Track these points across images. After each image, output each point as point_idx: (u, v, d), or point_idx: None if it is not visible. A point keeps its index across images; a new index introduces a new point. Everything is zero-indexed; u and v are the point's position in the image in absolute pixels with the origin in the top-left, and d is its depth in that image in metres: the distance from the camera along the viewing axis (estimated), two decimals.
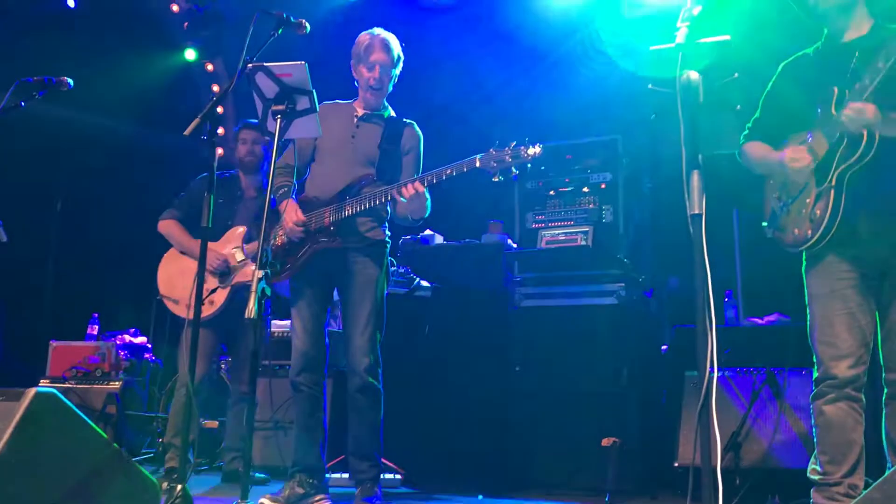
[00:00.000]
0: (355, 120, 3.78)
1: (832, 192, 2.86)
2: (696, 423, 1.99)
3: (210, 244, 4.33)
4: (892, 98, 2.77)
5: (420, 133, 3.84)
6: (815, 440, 3.00)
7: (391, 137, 3.74)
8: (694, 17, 2.15)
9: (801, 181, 3.00)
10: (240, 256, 4.40)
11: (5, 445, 1.90)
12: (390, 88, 3.81)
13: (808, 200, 2.96)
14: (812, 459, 3.02)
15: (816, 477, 2.96)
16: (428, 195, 3.55)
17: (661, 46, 2.21)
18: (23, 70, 4.07)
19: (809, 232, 2.94)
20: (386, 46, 3.71)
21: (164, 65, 8.34)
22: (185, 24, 8.15)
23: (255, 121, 4.61)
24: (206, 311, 4.37)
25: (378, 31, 3.76)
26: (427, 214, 3.62)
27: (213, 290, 4.39)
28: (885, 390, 2.95)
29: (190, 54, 8.19)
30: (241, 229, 4.49)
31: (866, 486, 2.93)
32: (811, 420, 3.03)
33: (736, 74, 2.20)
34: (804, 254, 3.08)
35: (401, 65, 3.80)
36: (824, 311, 2.97)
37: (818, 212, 2.90)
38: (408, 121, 3.85)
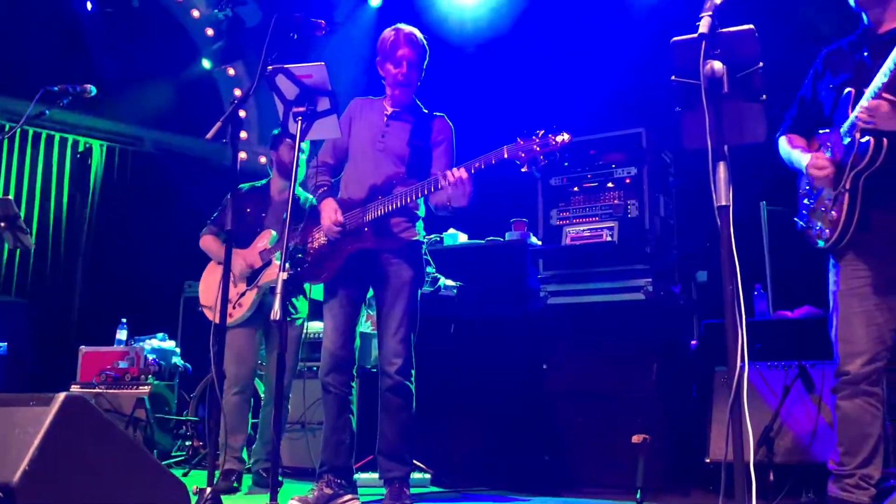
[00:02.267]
0: (385, 118, 3.77)
1: (847, 195, 2.91)
2: (728, 418, 1.95)
3: (239, 251, 4.41)
4: None
5: (451, 125, 3.82)
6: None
7: (421, 133, 3.72)
8: (717, 6, 2.12)
9: (821, 185, 3.03)
10: (266, 258, 4.43)
11: (36, 449, 1.92)
12: (418, 83, 3.79)
13: (827, 201, 3.01)
14: (833, 450, 3.07)
15: (833, 467, 3.04)
16: (471, 184, 3.42)
17: (684, 37, 2.18)
18: (46, 79, 4.12)
19: (828, 232, 2.99)
20: (411, 41, 3.69)
21: (186, 70, 8.41)
22: (208, 29, 8.21)
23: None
24: (237, 313, 4.41)
25: (402, 25, 3.74)
26: (468, 203, 3.49)
27: (242, 294, 4.43)
28: None
29: (206, 63, 8.24)
30: (269, 232, 4.52)
31: (884, 477, 3.01)
32: None
33: (761, 64, 2.16)
34: (829, 254, 3.12)
35: (427, 58, 3.78)
36: (843, 308, 3.02)
37: (835, 214, 2.95)
38: (438, 114, 3.83)
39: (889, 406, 4.19)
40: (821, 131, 3.11)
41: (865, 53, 2.98)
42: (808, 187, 3.14)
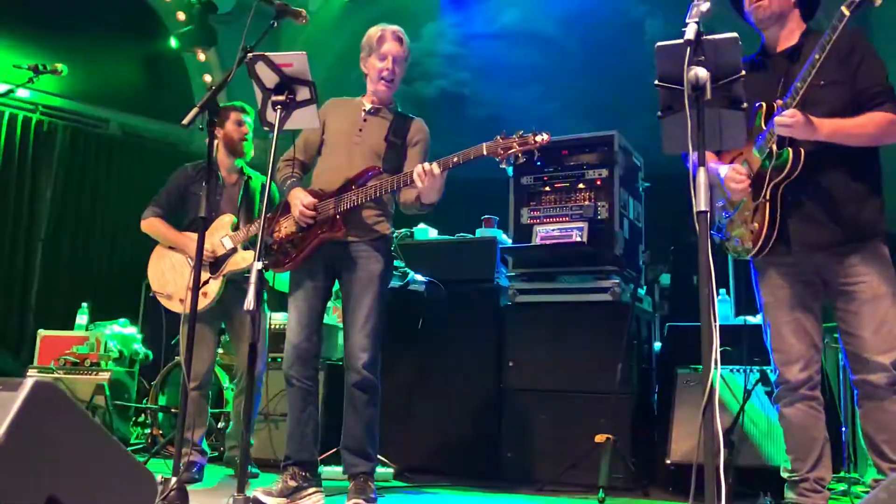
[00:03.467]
0: (363, 114, 3.76)
1: (767, 205, 2.96)
2: (700, 420, 1.98)
3: (193, 235, 4.32)
4: (821, 101, 2.85)
5: (427, 129, 3.82)
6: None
7: (398, 131, 3.72)
8: (703, 13, 2.15)
9: (739, 197, 3.08)
10: (229, 245, 4.35)
11: (4, 435, 1.88)
12: (399, 83, 3.79)
13: (746, 213, 3.06)
14: (784, 458, 3.14)
15: (786, 474, 3.12)
16: (442, 179, 3.43)
17: (669, 43, 2.20)
18: (17, 56, 4.04)
19: (750, 244, 3.03)
20: (398, 38, 3.70)
21: (155, 54, 8.30)
22: (179, 13, 8.09)
23: (242, 104, 4.59)
24: (201, 303, 4.33)
25: (388, 24, 3.74)
26: (439, 199, 3.52)
27: (206, 282, 4.33)
28: (856, 391, 3.01)
29: (173, 42, 8.12)
30: (228, 218, 4.42)
31: (839, 481, 3.05)
32: None
33: (743, 72, 2.19)
34: (750, 262, 3.19)
35: (409, 59, 3.78)
36: (772, 319, 3.10)
37: (756, 225, 3.00)
38: (415, 117, 3.83)
39: (846, 414, 4.32)
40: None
41: (768, 70, 3.07)
42: (724, 200, 3.18)
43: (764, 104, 2.96)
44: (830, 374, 4.53)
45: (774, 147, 2.90)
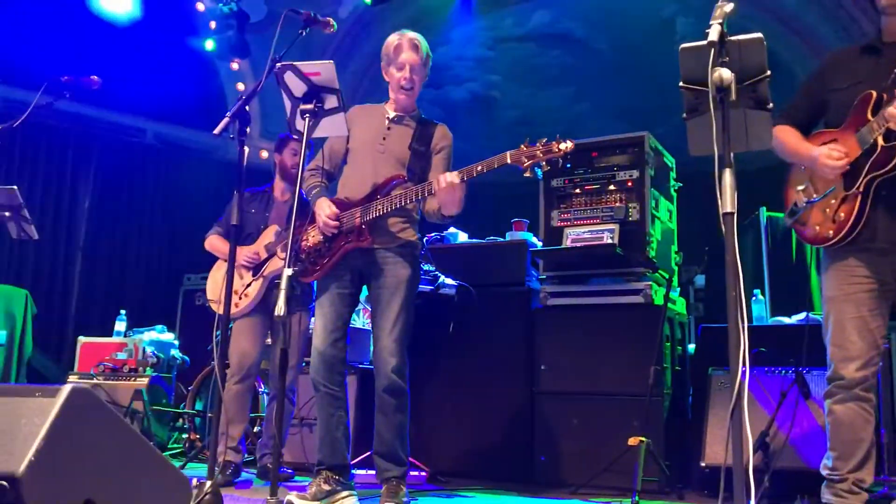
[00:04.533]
0: (386, 122, 3.78)
1: (859, 197, 2.91)
2: (728, 422, 1.97)
3: (245, 248, 4.47)
4: None
5: (451, 135, 3.83)
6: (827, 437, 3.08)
7: (422, 138, 3.74)
8: (727, 13, 2.14)
9: (828, 181, 3.01)
10: (272, 249, 4.51)
11: (41, 442, 1.93)
12: (420, 89, 3.80)
13: (833, 202, 3.00)
14: (826, 455, 3.08)
15: (826, 472, 3.06)
16: (462, 190, 3.47)
17: (692, 44, 2.20)
18: (52, 70, 4.13)
19: (831, 232, 2.98)
20: (415, 46, 3.70)
21: (191, 64, 8.41)
22: (211, 22, 8.20)
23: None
24: (242, 304, 4.48)
25: (406, 31, 3.76)
26: (459, 211, 3.55)
27: (248, 285, 4.53)
28: None
29: (209, 45, 8.21)
30: (274, 227, 4.59)
31: (877, 483, 3.09)
32: None
33: (769, 72, 2.18)
34: (822, 252, 3.12)
35: (430, 64, 3.80)
36: (837, 313, 3.03)
37: (843, 214, 2.94)
38: (438, 122, 3.85)
39: (884, 416, 4.24)
40: (823, 130, 3.11)
41: (880, 58, 2.99)
42: (807, 184, 3.10)
43: (873, 93, 2.89)
44: None
45: (881, 140, 2.83)
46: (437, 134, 3.79)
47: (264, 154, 8.21)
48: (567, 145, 3.26)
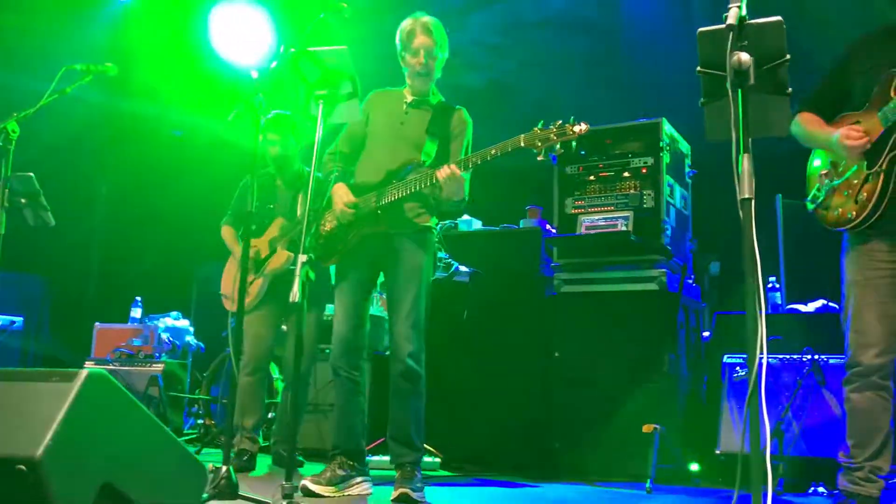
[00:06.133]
0: (404, 107, 3.77)
1: (882, 175, 2.87)
2: (744, 410, 1.96)
3: (253, 241, 4.46)
4: None
5: (469, 119, 3.81)
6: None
7: (439, 123, 3.72)
8: None
9: (851, 161, 2.97)
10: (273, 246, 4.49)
11: (59, 426, 1.94)
12: (438, 73, 3.77)
13: (855, 182, 2.96)
14: (843, 443, 3.06)
15: (843, 459, 3.04)
16: (467, 177, 3.50)
17: (711, 28, 2.17)
18: (69, 57, 4.13)
19: (854, 213, 2.94)
20: (428, 30, 3.67)
21: (204, 50, 8.36)
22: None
23: (286, 111, 4.67)
24: (246, 301, 4.45)
25: (420, 15, 3.73)
26: (464, 197, 3.56)
27: (251, 282, 4.49)
28: None
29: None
30: (279, 221, 4.56)
31: (893, 472, 3.01)
32: None
33: (788, 56, 2.15)
34: (844, 235, 3.08)
35: (447, 47, 3.78)
36: (857, 298, 3.00)
37: (865, 194, 2.91)
38: (457, 106, 3.83)
39: None
40: (846, 114, 3.06)
41: None
42: (829, 167, 3.08)
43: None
44: None
45: None
46: (454, 119, 3.77)
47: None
48: (582, 127, 3.24)
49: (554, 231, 4.87)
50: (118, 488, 2.04)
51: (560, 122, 3.26)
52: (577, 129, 3.24)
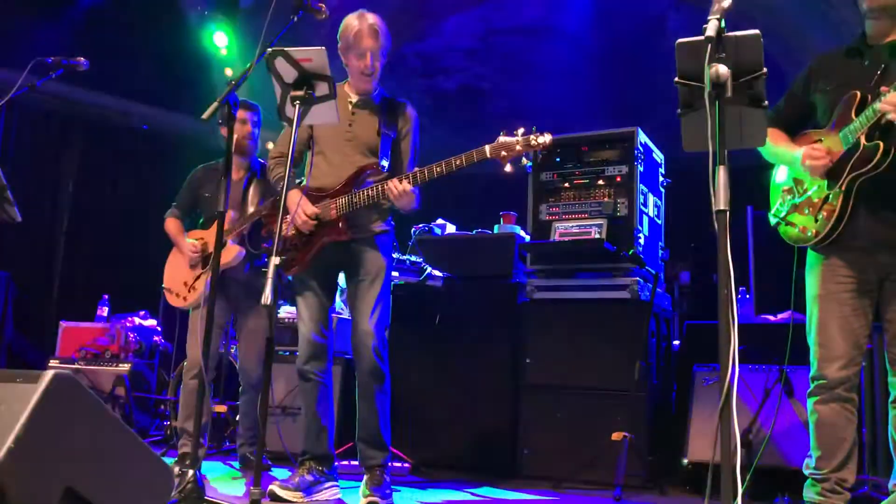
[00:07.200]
0: (350, 106, 3.72)
1: (841, 196, 2.93)
2: (713, 419, 1.97)
3: (200, 232, 4.41)
4: None
5: (414, 113, 3.79)
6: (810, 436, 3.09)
7: (388, 122, 3.70)
8: (724, 9, 2.12)
9: (812, 180, 3.04)
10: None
11: (23, 428, 1.89)
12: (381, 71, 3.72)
13: (816, 200, 3.02)
14: (808, 454, 3.09)
15: (808, 471, 3.07)
16: (415, 191, 3.47)
17: (689, 39, 2.18)
18: (39, 51, 4.06)
19: (814, 231, 3.01)
20: (375, 32, 3.62)
21: (179, 48, 8.27)
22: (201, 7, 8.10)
23: (246, 100, 4.59)
24: (191, 297, 4.40)
25: (366, 15, 3.65)
26: (415, 207, 3.57)
27: (198, 277, 4.41)
28: (892, 393, 2.99)
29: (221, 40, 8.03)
30: (228, 214, 4.43)
31: (859, 483, 3.08)
32: None
33: (765, 70, 2.16)
34: (807, 251, 3.13)
35: (390, 46, 3.73)
36: (820, 312, 3.04)
37: (825, 213, 2.97)
38: (401, 101, 3.79)
39: (866, 415, 4.26)
40: (809, 131, 3.13)
41: (866, 62, 3.01)
42: (791, 184, 3.14)
43: (858, 93, 2.91)
44: None
45: (863, 139, 2.85)
46: (402, 117, 3.75)
47: (270, 145, 8.10)
48: (545, 140, 3.25)
49: (527, 237, 4.87)
50: (81, 493, 1.99)
51: (522, 130, 3.26)
52: (540, 140, 3.25)
